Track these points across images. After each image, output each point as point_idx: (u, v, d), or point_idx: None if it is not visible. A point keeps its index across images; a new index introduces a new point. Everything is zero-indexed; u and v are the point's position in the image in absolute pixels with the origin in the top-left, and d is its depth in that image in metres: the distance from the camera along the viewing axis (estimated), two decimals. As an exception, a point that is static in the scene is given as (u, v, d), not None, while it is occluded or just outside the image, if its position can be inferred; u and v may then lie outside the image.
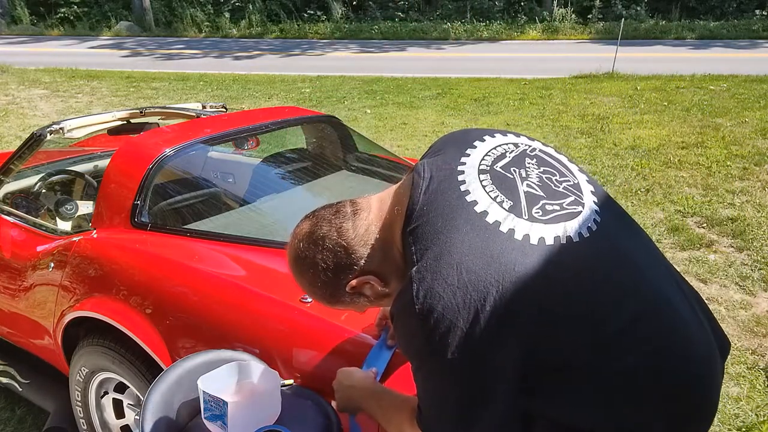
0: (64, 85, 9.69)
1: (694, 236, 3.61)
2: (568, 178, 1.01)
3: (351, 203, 1.05)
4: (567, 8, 15.04)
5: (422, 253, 0.91)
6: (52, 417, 2.10)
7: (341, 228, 1.01)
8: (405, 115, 7.07)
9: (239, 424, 1.19)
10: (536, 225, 0.91)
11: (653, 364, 0.90)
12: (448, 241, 0.90)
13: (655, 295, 0.94)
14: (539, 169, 1.00)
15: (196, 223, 1.92)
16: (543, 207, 0.94)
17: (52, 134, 2.26)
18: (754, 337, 2.66)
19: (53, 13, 18.24)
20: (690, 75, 8.80)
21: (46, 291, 1.95)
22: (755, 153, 5.15)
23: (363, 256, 1.00)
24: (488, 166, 0.99)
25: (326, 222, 1.03)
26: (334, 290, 1.04)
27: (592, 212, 0.96)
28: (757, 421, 2.18)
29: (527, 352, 0.87)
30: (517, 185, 0.96)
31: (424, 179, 0.98)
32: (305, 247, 1.03)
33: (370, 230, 1.01)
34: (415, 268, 0.90)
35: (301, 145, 2.62)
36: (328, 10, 17.26)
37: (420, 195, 0.96)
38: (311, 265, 1.03)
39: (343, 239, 1.00)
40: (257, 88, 9.17)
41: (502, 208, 0.92)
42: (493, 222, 0.91)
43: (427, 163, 1.02)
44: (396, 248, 0.99)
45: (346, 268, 1.01)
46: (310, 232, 1.03)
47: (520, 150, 1.03)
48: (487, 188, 0.95)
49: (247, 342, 1.45)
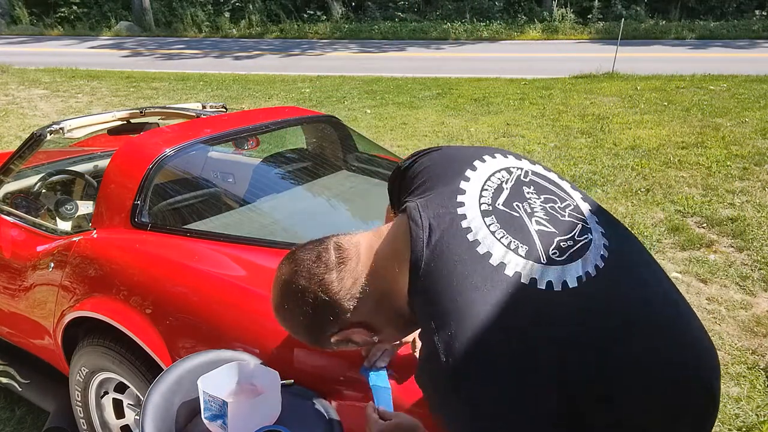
0: (64, 85, 9.69)
1: (694, 236, 3.61)
2: (567, 201, 0.97)
3: (336, 248, 0.95)
4: (567, 8, 15.05)
5: (442, 320, 0.83)
6: (52, 417, 2.10)
7: (323, 280, 0.93)
8: (405, 115, 7.07)
9: (239, 424, 1.19)
10: (556, 269, 0.86)
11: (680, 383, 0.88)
12: (468, 302, 0.82)
13: (668, 310, 0.93)
14: (540, 198, 0.95)
15: (196, 223, 1.92)
16: (558, 246, 0.88)
17: (52, 134, 2.26)
18: (754, 337, 2.66)
19: (53, 13, 18.25)
20: (690, 75, 8.80)
21: (46, 291, 1.95)
22: (755, 153, 5.15)
23: (349, 309, 0.93)
24: (490, 206, 0.91)
25: (305, 272, 0.94)
26: (318, 339, 0.99)
27: (599, 236, 0.93)
28: (757, 421, 2.18)
29: (572, 398, 0.81)
30: (526, 224, 0.90)
31: (424, 229, 0.89)
32: (285, 296, 0.97)
33: (358, 282, 0.93)
34: (437, 337, 0.82)
35: (301, 145, 2.62)
36: (328, 10, 17.27)
37: (423, 249, 0.87)
38: (293, 314, 0.97)
39: (325, 294, 0.93)
40: (257, 88, 9.17)
41: (519, 256, 0.86)
42: (513, 274, 0.84)
43: (421, 206, 0.92)
44: (399, 301, 0.92)
45: (328, 323, 0.95)
46: (289, 281, 0.96)
47: (514, 177, 0.97)
48: (497, 234, 0.88)
49: (247, 342, 1.45)
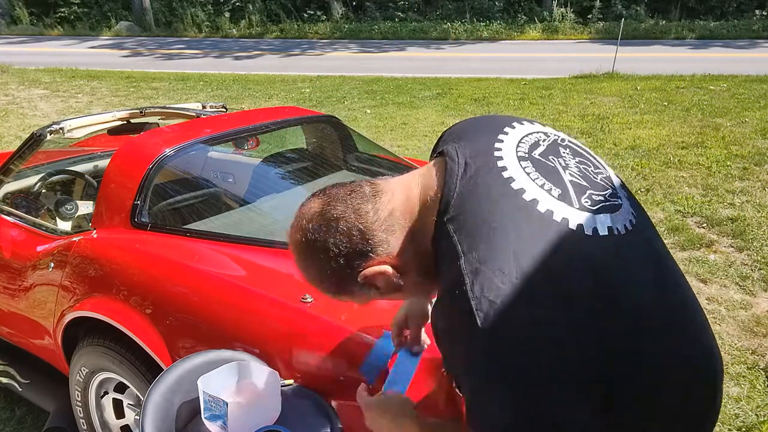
0: (64, 85, 9.69)
1: (694, 236, 3.61)
2: (600, 170, 0.97)
3: (369, 183, 0.95)
4: (567, 8, 15.05)
5: (470, 244, 0.82)
6: (52, 417, 2.10)
7: (359, 209, 0.91)
8: (405, 115, 7.07)
9: (239, 424, 1.19)
10: (587, 215, 0.86)
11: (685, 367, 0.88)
12: (500, 229, 0.82)
13: (683, 296, 0.93)
14: (575, 159, 0.95)
15: (196, 223, 1.93)
16: (590, 197, 0.89)
17: (52, 134, 2.26)
18: (754, 337, 2.66)
19: (53, 13, 18.25)
20: (690, 75, 8.80)
21: (46, 291, 1.95)
22: (755, 153, 5.15)
23: (382, 241, 0.90)
24: (526, 153, 0.92)
25: (340, 201, 0.92)
26: (343, 279, 0.94)
27: (629, 206, 0.94)
28: (757, 421, 2.18)
29: (601, 350, 0.80)
30: (560, 173, 0.91)
31: (459, 165, 0.89)
32: (315, 229, 0.92)
33: (394, 215, 0.91)
34: (464, 260, 0.81)
35: (301, 145, 2.62)
36: (328, 10, 17.27)
37: (457, 181, 0.88)
38: (321, 250, 0.92)
39: (360, 222, 0.90)
40: (257, 88, 9.17)
41: (552, 197, 0.86)
42: (546, 211, 0.85)
43: (458, 147, 0.93)
44: (425, 238, 0.90)
45: (361, 255, 0.91)
46: (322, 211, 0.92)
47: (551, 139, 0.98)
48: (532, 175, 0.88)
49: (247, 342, 1.45)
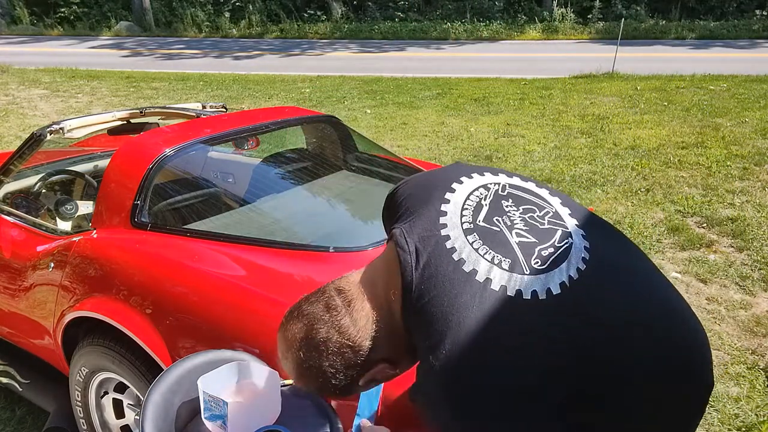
0: (64, 85, 9.69)
1: (694, 236, 3.61)
2: (546, 209, 0.99)
3: (337, 292, 0.97)
4: (567, 8, 15.05)
5: (434, 341, 0.86)
6: (52, 417, 2.10)
7: (340, 326, 0.94)
8: (405, 115, 7.07)
9: (239, 424, 1.19)
10: (539, 278, 0.89)
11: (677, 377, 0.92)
12: (461, 322, 0.85)
13: (663, 304, 0.95)
14: (519, 209, 0.97)
15: (196, 223, 1.93)
16: (540, 255, 0.91)
17: (52, 134, 2.26)
18: (754, 337, 2.66)
19: (53, 13, 18.24)
20: (690, 75, 8.80)
21: (46, 291, 1.95)
22: (755, 153, 5.15)
23: (372, 348, 0.95)
24: (471, 224, 0.94)
25: (321, 322, 0.95)
26: (345, 388, 0.99)
27: (580, 238, 0.96)
28: (757, 421, 2.18)
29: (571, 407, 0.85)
30: (507, 238, 0.93)
31: (411, 254, 0.92)
32: (307, 357, 0.95)
33: (369, 320, 0.95)
34: (433, 355, 0.85)
35: (301, 145, 2.62)
36: (328, 10, 17.27)
37: (412, 273, 0.91)
38: (319, 373, 0.96)
39: (346, 339, 0.94)
40: (257, 88, 9.17)
41: (503, 269, 0.89)
42: (500, 288, 0.87)
43: (406, 231, 0.95)
44: (400, 330, 0.95)
45: (357, 366, 0.95)
46: (307, 337, 0.95)
47: (492, 192, 1.00)
48: (480, 250, 0.91)
49: (247, 342, 1.45)
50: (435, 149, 5.67)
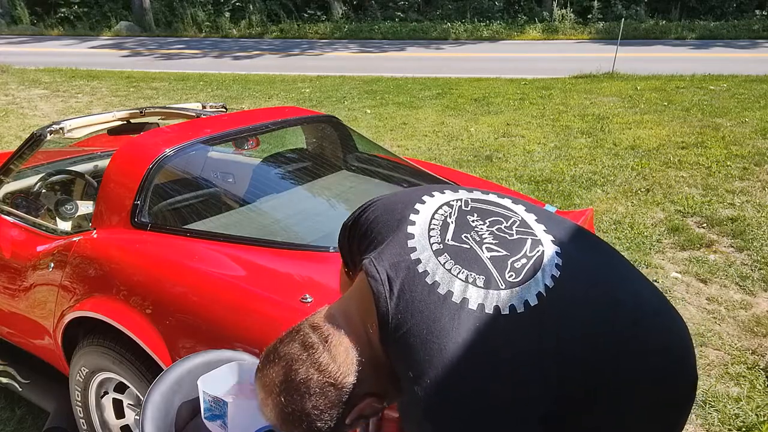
0: (64, 85, 9.69)
1: (694, 236, 3.61)
2: (512, 218, 0.99)
3: (312, 329, 0.93)
4: (567, 8, 15.05)
5: (415, 372, 0.84)
6: (52, 417, 2.10)
7: (320, 364, 0.90)
8: (405, 115, 7.07)
9: (239, 424, 1.19)
10: (514, 291, 0.88)
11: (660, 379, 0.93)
12: (442, 348, 0.83)
13: (642, 302, 0.96)
14: (485, 223, 0.97)
15: (196, 223, 1.93)
16: (513, 267, 0.91)
17: (52, 134, 2.26)
18: (754, 337, 2.66)
19: (53, 13, 18.24)
20: (690, 75, 8.80)
21: (46, 291, 1.95)
22: (755, 153, 5.15)
23: (356, 384, 0.91)
24: (440, 244, 0.93)
25: (299, 362, 0.91)
26: (333, 429, 0.94)
27: (550, 244, 0.95)
28: (757, 421, 2.18)
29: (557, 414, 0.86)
30: (479, 254, 0.92)
31: (383, 283, 0.90)
32: (289, 400, 0.90)
33: (349, 354, 0.91)
34: (417, 385, 0.83)
35: (301, 145, 2.62)
36: (328, 9, 17.27)
37: (387, 303, 0.88)
38: (303, 417, 0.91)
39: (327, 377, 0.90)
40: (257, 88, 9.17)
41: (478, 287, 0.88)
42: (477, 307, 0.86)
43: (376, 260, 0.93)
44: (382, 359, 0.92)
45: (342, 404, 0.91)
46: (286, 380, 0.91)
47: (456, 209, 0.99)
48: (453, 270, 0.89)
49: (247, 342, 1.45)
50: (435, 149, 5.67)
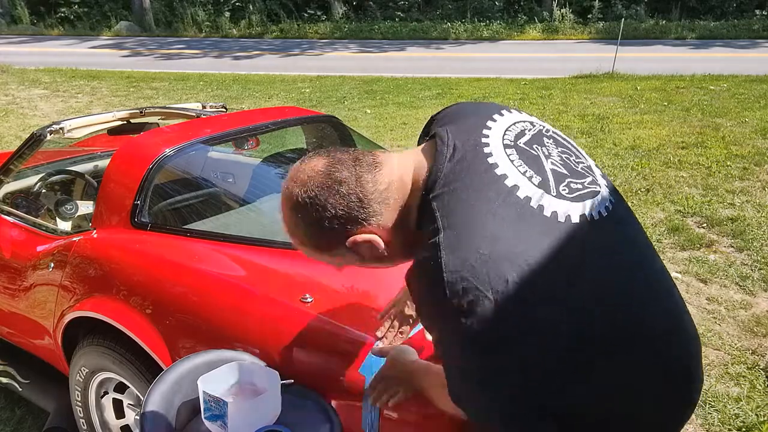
0: (64, 85, 9.69)
1: (694, 236, 3.61)
2: (581, 159, 1.03)
3: (371, 154, 0.98)
4: (567, 8, 15.04)
5: (450, 221, 0.88)
6: (52, 417, 2.10)
7: (361, 177, 0.94)
8: (405, 115, 7.07)
9: (239, 424, 1.19)
10: (563, 202, 0.92)
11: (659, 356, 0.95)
12: (479, 212, 0.88)
13: (658, 283, 0.99)
14: (557, 149, 1.01)
15: (196, 223, 1.93)
16: (569, 185, 0.95)
17: (52, 134, 2.26)
18: (754, 337, 2.66)
19: (53, 13, 18.24)
20: (690, 75, 8.80)
21: (46, 291, 1.95)
22: (755, 153, 5.15)
23: (377, 212, 0.94)
24: (512, 141, 0.97)
25: (345, 166, 0.95)
26: (330, 241, 0.97)
27: (608, 194, 0.99)
28: (757, 421, 2.18)
29: (552, 330, 0.87)
30: (542, 162, 0.96)
31: (448, 147, 0.95)
32: (317, 186, 0.94)
33: (390, 188, 0.95)
34: (443, 235, 0.87)
35: (301, 145, 2.62)
36: (328, 9, 17.27)
37: (445, 162, 0.93)
38: (318, 208, 0.93)
39: (361, 190, 0.93)
40: (257, 88, 9.17)
41: (532, 183, 0.92)
42: (524, 197, 0.90)
43: (449, 130, 0.98)
44: (412, 214, 0.96)
45: (355, 221, 0.94)
46: (327, 171, 0.94)
47: (536, 129, 1.02)
48: (515, 162, 0.94)
49: (247, 342, 1.45)
50: (435, 149, 5.67)
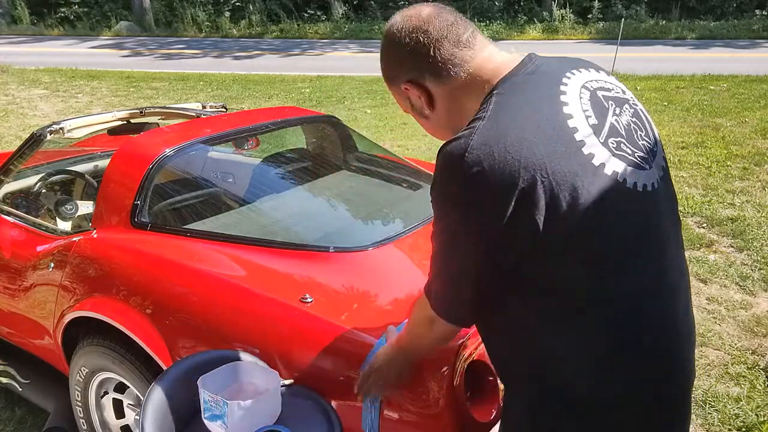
0: (64, 85, 9.69)
1: (694, 236, 3.61)
2: (648, 140, 1.04)
3: (471, 33, 1.03)
4: (567, 8, 15.04)
5: (497, 116, 0.92)
6: (52, 417, 2.10)
7: (448, 38, 1.00)
8: (405, 115, 7.05)
9: (239, 424, 1.19)
10: (605, 151, 0.94)
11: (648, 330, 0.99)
12: (526, 117, 0.92)
13: (668, 274, 1.02)
14: (632, 118, 1.03)
15: (196, 223, 1.92)
16: (619, 144, 0.97)
17: (52, 134, 2.26)
18: (754, 337, 2.66)
19: (53, 13, 18.24)
20: (690, 75, 8.80)
21: (46, 291, 1.95)
22: (755, 153, 5.16)
23: (439, 75, 1.01)
24: (591, 88, 1.02)
25: (444, 24, 1.01)
26: (394, 74, 1.07)
27: (656, 175, 1.01)
28: (757, 421, 2.18)
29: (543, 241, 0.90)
30: (607, 114, 0.99)
31: (533, 63, 1.01)
32: (411, 21, 1.02)
33: (464, 66, 1.01)
34: (483, 123, 0.91)
35: (301, 145, 2.62)
36: (328, 9, 17.27)
37: (522, 72, 0.99)
38: (398, 37, 1.03)
39: (440, 48, 1.00)
40: (257, 88, 9.17)
41: (587, 122, 0.95)
42: (573, 127, 0.93)
43: (540, 58, 1.05)
44: (468, 97, 1.01)
45: (417, 70, 1.03)
46: (428, 17, 1.02)
47: (623, 95, 1.06)
48: (583, 101, 0.98)
49: (247, 342, 1.45)
50: (435, 149, 5.64)
